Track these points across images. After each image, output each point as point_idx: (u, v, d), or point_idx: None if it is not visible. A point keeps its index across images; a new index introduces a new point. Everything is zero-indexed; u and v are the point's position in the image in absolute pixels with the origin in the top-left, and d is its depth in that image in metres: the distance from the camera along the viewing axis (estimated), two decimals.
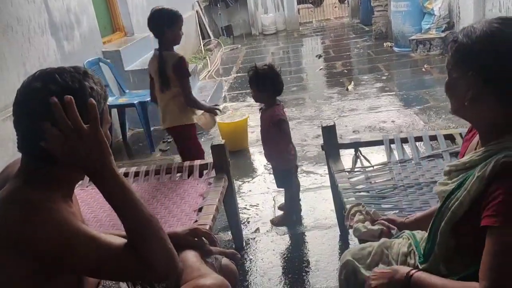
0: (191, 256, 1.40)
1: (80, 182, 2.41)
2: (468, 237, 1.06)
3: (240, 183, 3.45)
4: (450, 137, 2.35)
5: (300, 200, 2.87)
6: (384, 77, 5.77)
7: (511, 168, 0.97)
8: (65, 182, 1.10)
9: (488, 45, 1.02)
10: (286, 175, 2.75)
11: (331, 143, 2.40)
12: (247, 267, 2.43)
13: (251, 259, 2.50)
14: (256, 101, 2.81)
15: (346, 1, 11.72)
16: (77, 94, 1.03)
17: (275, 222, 2.80)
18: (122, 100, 4.41)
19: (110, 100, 4.31)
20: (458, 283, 1.05)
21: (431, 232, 1.17)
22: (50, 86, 1.01)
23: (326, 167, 2.56)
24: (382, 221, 1.56)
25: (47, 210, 0.99)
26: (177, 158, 4.05)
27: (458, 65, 1.08)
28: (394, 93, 5.11)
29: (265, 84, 2.55)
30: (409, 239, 1.34)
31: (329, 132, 2.39)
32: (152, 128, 4.47)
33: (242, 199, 3.19)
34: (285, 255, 2.52)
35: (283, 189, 2.88)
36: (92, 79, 1.08)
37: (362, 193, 2.02)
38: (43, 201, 1.00)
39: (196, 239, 1.49)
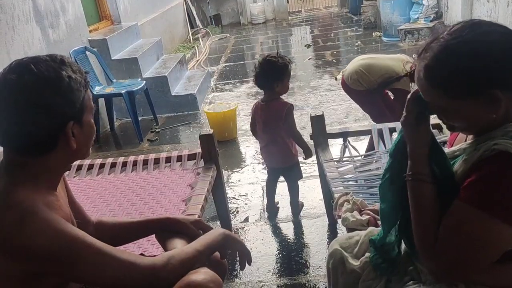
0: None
1: (77, 173, 2.39)
2: None
3: (229, 173, 3.45)
4: (437, 127, 2.36)
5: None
6: None
7: (498, 155, 0.98)
8: (51, 173, 1.09)
9: (440, 62, 1.01)
10: (298, 165, 2.72)
11: (319, 133, 2.40)
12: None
13: None
14: (276, 95, 2.57)
15: None
16: (53, 84, 1.01)
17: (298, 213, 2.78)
18: (109, 90, 4.35)
19: (97, 89, 4.27)
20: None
21: None
22: (25, 77, 1.00)
23: (314, 156, 2.56)
24: (368, 211, 1.57)
25: (42, 214, 0.98)
26: (166, 148, 4.03)
27: (433, 91, 1.04)
28: None
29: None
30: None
31: (317, 122, 2.39)
32: (140, 118, 4.44)
33: (231, 189, 3.18)
34: (274, 245, 2.53)
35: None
36: (70, 67, 1.06)
37: (350, 182, 2.03)
38: (36, 204, 0.99)
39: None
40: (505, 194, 0.95)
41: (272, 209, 2.82)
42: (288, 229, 2.66)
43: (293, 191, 2.77)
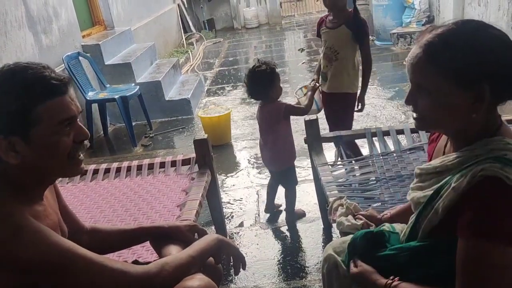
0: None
1: (70, 179, 2.37)
2: (443, 242, 1.08)
3: (224, 177, 3.44)
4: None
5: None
6: None
7: (488, 182, 0.97)
8: (30, 184, 1.07)
9: (445, 40, 1.01)
10: (291, 172, 2.72)
11: (313, 137, 2.41)
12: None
13: None
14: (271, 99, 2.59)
15: None
16: None
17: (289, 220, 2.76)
18: (103, 95, 4.34)
19: (91, 95, 4.25)
20: None
21: (410, 236, 1.19)
22: None
23: (309, 160, 2.57)
24: (361, 215, 1.58)
25: (32, 227, 0.97)
26: (160, 153, 4.02)
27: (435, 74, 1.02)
28: (375, 86, 5.15)
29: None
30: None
31: (311, 126, 2.40)
32: (133, 123, 4.42)
33: (226, 193, 3.18)
34: (269, 249, 2.52)
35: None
36: (12, 79, 1.01)
37: (344, 186, 2.03)
38: (25, 216, 0.98)
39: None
40: (505, 218, 0.94)
41: (270, 210, 2.82)
42: (283, 234, 2.66)
43: (288, 199, 2.76)
